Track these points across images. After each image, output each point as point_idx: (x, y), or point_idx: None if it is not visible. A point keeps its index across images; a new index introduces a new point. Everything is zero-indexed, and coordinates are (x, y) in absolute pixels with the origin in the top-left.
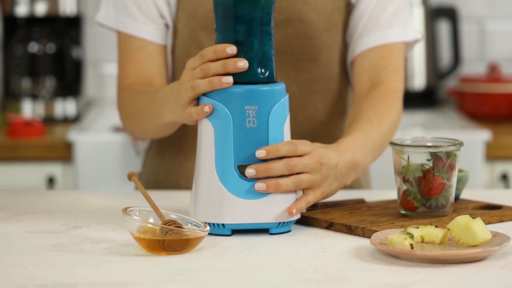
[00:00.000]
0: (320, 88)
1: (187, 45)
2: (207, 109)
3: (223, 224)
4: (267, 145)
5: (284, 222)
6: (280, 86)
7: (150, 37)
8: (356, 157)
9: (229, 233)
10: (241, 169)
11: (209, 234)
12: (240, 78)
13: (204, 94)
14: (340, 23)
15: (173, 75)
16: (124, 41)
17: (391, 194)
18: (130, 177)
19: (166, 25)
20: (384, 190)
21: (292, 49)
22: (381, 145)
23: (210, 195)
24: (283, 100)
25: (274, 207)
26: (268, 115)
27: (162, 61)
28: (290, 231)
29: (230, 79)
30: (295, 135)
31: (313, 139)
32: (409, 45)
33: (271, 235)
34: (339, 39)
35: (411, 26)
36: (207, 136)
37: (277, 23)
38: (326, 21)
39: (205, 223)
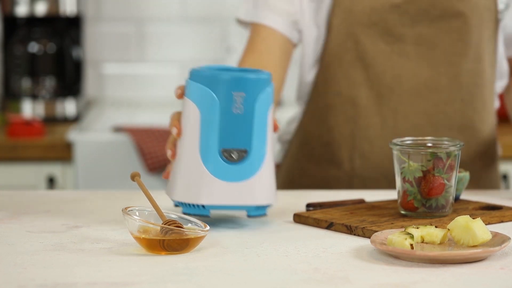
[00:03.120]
0: (468, 82)
1: (342, 40)
2: (174, 130)
3: (202, 205)
4: (252, 131)
5: (262, 206)
6: (266, 75)
7: (276, 26)
8: None
9: (208, 214)
10: (225, 153)
11: (186, 213)
12: None
13: (192, 79)
14: (490, 21)
15: (324, 69)
16: (254, 31)
17: (391, 194)
18: (133, 177)
19: (295, 22)
20: (384, 190)
21: (444, 43)
22: None
23: (191, 176)
24: (269, 88)
25: (253, 190)
26: (254, 102)
27: (281, 54)
28: (266, 215)
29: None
30: (442, 128)
31: (460, 132)
32: None
33: (249, 217)
34: (488, 35)
35: None
36: (193, 119)
37: (433, 17)
38: (478, 17)
39: (183, 204)
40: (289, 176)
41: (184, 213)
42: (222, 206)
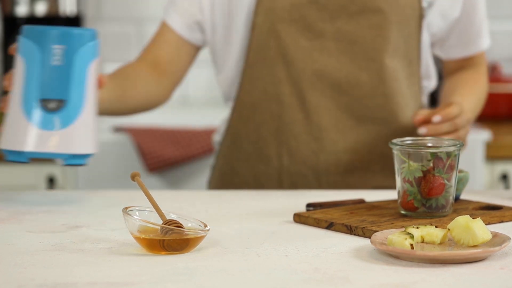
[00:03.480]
0: (389, 77)
1: (265, 37)
2: (5, 83)
3: (22, 152)
4: (70, 82)
5: (79, 155)
6: (89, 32)
7: (173, 25)
8: (468, 114)
9: (26, 160)
10: (43, 102)
11: (10, 161)
12: None
13: (22, 35)
14: (413, 18)
15: (248, 67)
16: (160, 26)
17: (391, 194)
18: (133, 177)
19: (197, 23)
20: (384, 190)
21: (364, 39)
22: (476, 108)
23: (14, 124)
24: (91, 43)
25: (70, 139)
26: (74, 55)
27: (176, 53)
28: (84, 164)
29: None
30: (366, 121)
31: (384, 126)
32: None
33: (66, 166)
34: (410, 32)
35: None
36: (19, 72)
37: (351, 13)
38: (398, 14)
39: (6, 151)
40: (221, 176)
41: (9, 160)
42: (40, 153)
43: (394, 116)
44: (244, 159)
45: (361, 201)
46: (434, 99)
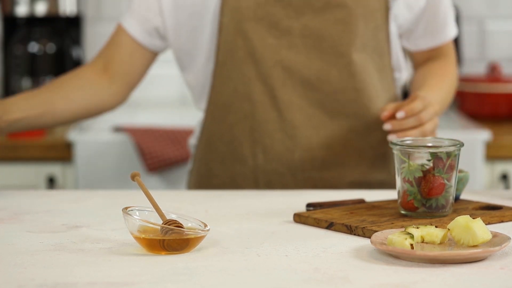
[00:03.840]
0: (359, 71)
1: (233, 37)
2: None
3: None
4: None
5: None
6: None
7: (131, 31)
8: (435, 107)
9: None
10: None
11: None
12: None
13: None
14: (378, 11)
15: (217, 68)
16: (116, 29)
17: (391, 194)
18: (133, 177)
19: (155, 29)
20: (384, 190)
21: (331, 35)
22: (446, 99)
23: None
24: None
25: None
26: None
27: (129, 55)
28: None
29: None
30: (339, 116)
31: (357, 119)
32: None
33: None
34: (375, 26)
35: (453, 19)
36: None
37: (316, 9)
38: (363, 7)
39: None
40: (198, 179)
41: None
42: None
43: (366, 109)
44: (219, 160)
45: (361, 201)
46: (405, 92)
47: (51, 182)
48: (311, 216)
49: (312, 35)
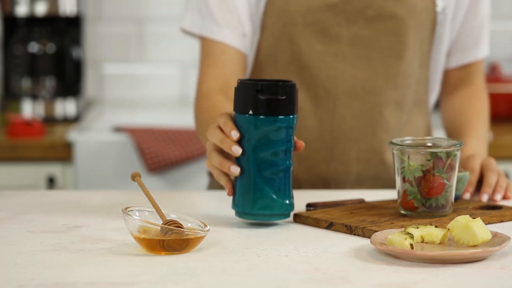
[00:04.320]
0: (403, 84)
1: (277, 40)
2: (227, 191)
3: None
4: None
5: None
6: None
7: (231, 42)
8: (501, 173)
9: None
10: None
11: None
12: None
13: None
14: (427, 22)
15: (258, 70)
16: (206, 45)
17: (391, 194)
18: (133, 177)
19: (244, 34)
20: (384, 190)
21: (381, 45)
22: (487, 136)
23: None
24: None
25: None
26: None
27: (240, 68)
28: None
29: (236, 170)
30: (380, 129)
31: (397, 134)
32: None
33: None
34: (422, 38)
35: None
36: None
37: (368, 18)
38: (415, 19)
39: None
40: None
41: None
42: None
43: (404, 125)
44: None
45: (361, 201)
46: None
47: (51, 182)
48: (311, 216)
49: (361, 44)
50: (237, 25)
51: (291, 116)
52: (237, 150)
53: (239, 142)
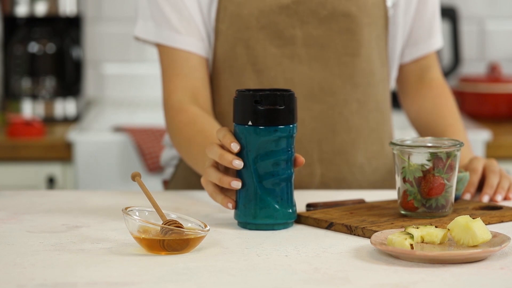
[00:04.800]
0: (362, 82)
1: (232, 45)
2: (230, 206)
3: None
4: None
5: None
6: None
7: (193, 49)
8: (502, 171)
9: None
10: None
11: None
12: None
13: None
14: (380, 18)
15: (216, 75)
16: (168, 54)
17: (391, 194)
18: (133, 177)
19: (203, 39)
20: (384, 190)
21: (336, 44)
22: (464, 132)
23: None
24: None
25: None
26: None
27: (205, 73)
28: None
29: (238, 185)
30: (341, 129)
31: (360, 133)
32: None
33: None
34: (377, 34)
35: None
36: None
37: (322, 18)
38: (368, 16)
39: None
40: (187, 182)
41: None
42: None
43: (367, 122)
44: None
45: (361, 201)
46: None
47: (51, 182)
48: (311, 216)
49: (315, 44)
50: (195, 31)
51: (291, 126)
52: (238, 165)
53: (239, 153)
